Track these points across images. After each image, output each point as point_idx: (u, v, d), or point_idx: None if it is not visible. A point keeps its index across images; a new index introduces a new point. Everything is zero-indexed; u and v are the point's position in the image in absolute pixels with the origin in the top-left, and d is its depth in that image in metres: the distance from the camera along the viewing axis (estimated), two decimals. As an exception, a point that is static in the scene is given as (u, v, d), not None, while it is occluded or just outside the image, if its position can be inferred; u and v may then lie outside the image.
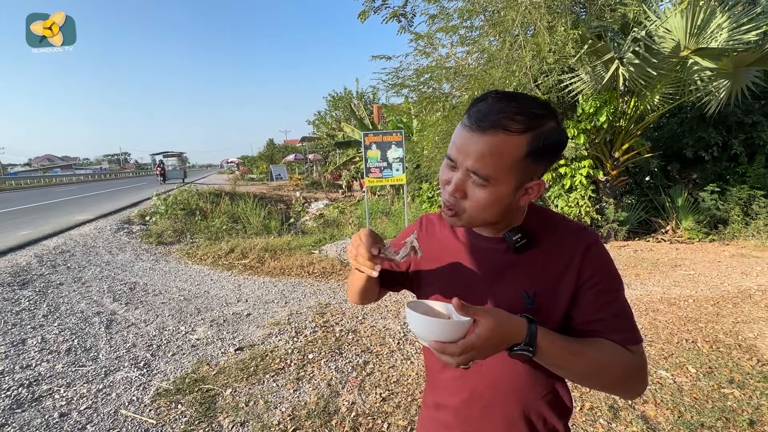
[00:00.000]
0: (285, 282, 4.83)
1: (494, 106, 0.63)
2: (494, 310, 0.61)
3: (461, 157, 0.66)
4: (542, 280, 0.72)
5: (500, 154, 0.62)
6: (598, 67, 5.47)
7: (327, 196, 14.84)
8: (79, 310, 3.77)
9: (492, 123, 0.62)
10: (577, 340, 0.67)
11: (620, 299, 0.72)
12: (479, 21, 6.47)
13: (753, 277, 4.54)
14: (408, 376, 2.62)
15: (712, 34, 5.02)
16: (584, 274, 0.71)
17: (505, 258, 0.75)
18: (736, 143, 7.10)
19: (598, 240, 0.74)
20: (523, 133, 0.62)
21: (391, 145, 6.33)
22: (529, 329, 0.61)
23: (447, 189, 0.69)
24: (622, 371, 0.67)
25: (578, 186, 6.38)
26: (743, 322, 3.32)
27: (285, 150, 33.22)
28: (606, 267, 0.72)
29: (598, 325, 0.70)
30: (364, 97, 21.43)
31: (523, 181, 0.67)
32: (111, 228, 7.40)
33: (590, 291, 0.70)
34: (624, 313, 0.72)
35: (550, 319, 0.72)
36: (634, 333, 0.71)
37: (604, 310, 0.70)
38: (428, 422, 0.88)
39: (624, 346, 0.69)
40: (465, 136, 0.65)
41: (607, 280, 0.72)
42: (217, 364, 2.81)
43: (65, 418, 2.20)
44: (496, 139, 0.62)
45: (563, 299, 0.71)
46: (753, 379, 2.46)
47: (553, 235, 0.74)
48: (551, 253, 0.73)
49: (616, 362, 0.67)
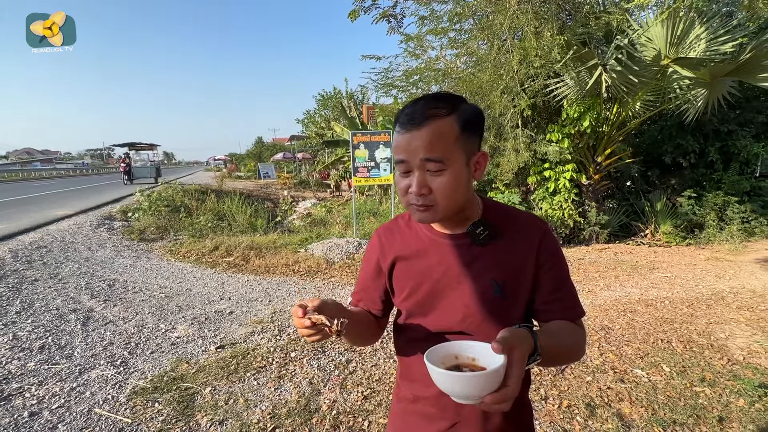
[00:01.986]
0: (270, 280, 4.79)
1: (416, 106, 0.72)
2: (513, 334, 0.61)
3: (411, 155, 0.71)
4: (508, 268, 0.78)
5: (441, 135, 0.70)
6: (583, 72, 5.59)
7: (315, 196, 14.76)
8: (55, 307, 3.66)
9: (424, 116, 0.70)
10: (556, 333, 0.75)
11: (569, 279, 0.82)
12: (468, 24, 6.54)
13: (726, 279, 4.69)
14: (390, 375, 2.62)
15: (691, 44, 5.18)
16: (541, 258, 0.78)
17: (470, 251, 0.80)
18: (713, 151, 7.34)
19: (548, 227, 0.83)
20: (449, 115, 0.71)
21: (379, 145, 6.34)
22: (534, 339, 0.64)
23: (411, 191, 0.73)
24: (580, 348, 0.79)
25: (562, 189, 6.50)
26: (716, 323, 3.43)
27: (273, 148, 32.95)
28: (558, 252, 0.82)
29: (554, 305, 0.80)
30: (353, 96, 21.40)
31: (469, 155, 0.74)
32: (91, 224, 7.21)
33: (547, 275, 0.79)
34: (572, 292, 0.82)
35: (518, 304, 0.79)
36: (580, 307, 0.83)
37: (559, 291, 0.80)
38: (406, 414, 0.90)
39: (574, 321, 0.80)
40: (407, 137, 0.71)
41: (559, 264, 0.81)
42: (197, 362, 2.76)
43: (35, 417, 2.14)
44: (433, 126, 0.70)
45: (527, 284, 0.79)
46: (723, 378, 2.55)
47: (511, 225, 0.81)
48: (512, 242, 0.79)
49: (578, 342, 0.78)
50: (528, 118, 6.70)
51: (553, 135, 6.35)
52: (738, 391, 2.38)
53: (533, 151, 6.42)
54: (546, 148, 6.25)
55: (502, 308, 0.78)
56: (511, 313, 0.79)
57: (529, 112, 6.29)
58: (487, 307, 0.78)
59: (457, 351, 0.66)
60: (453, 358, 0.66)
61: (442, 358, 0.64)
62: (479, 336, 0.78)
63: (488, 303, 0.78)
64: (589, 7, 6.17)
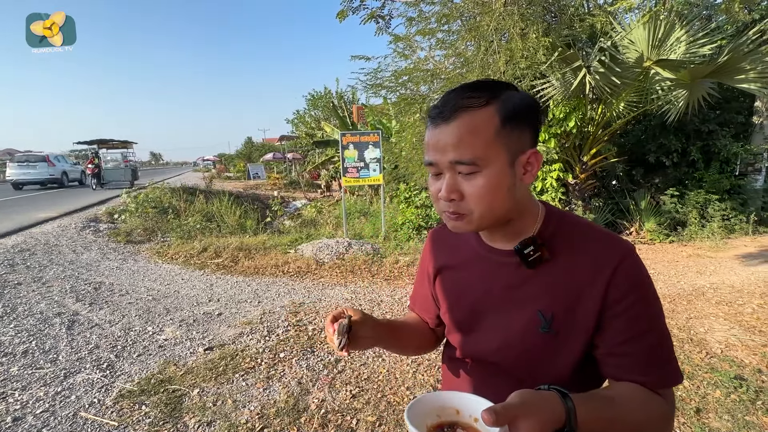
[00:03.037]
0: (259, 281, 4.77)
1: (449, 97, 0.62)
2: (525, 400, 0.49)
3: (439, 155, 0.61)
4: (562, 299, 0.63)
5: (474, 131, 0.58)
6: (568, 74, 5.68)
7: (305, 196, 14.71)
8: (39, 311, 3.60)
9: (454, 108, 0.59)
10: (613, 401, 0.58)
11: (655, 329, 0.62)
12: (456, 25, 6.60)
13: (707, 275, 4.83)
14: (379, 374, 2.65)
15: (671, 46, 5.32)
16: (612, 295, 0.60)
17: (518, 273, 0.66)
18: (694, 150, 7.53)
19: (631, 253, 0.63)
20: (486, 105, 0.59)
21: (368, 145, 6.36)
22: (567, 409, 0.50)
23: (440, 197, 0.63)
24: (655, 426, 0.59)
25: (549, 188, 6.60)
26: (696, 318, 3.53)
27: (263, 148, 32.72)
28: (641, 288, 0.61)
29: (624, 360, 0.61)
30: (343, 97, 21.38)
31: (514, 154, 0.60)
32: (76, 226, 7.09)
33: (619, 318, 0.60)
34: (659, 348, 0.62)
35: (570, 346, 0.63)
36: (669, 373, 0.61)
37: (635, 343, 0.60)
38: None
39: (655, 389, 0.61)
40: (435, 133, 0.61)
41: (640, 304, 0.61)
42: (185, 364, 2.75)
43: (19, 422, 2.11)
44: (464, 120, 0.58)
45: (586, 323, 0.62)
46: (701, 371, 2.63)
47: (576, 245, 0.65)
48: (576, 268, 0.63)
49: (651, 418, 0.59)
50: (515, 118, 6.79)
51: (540, 135, 6.45)
52: (715, 383, 2.46)
53: (521, 151, 6.51)
54: (533, 148, 6.34)
55: (548, 347, 0.64)
56: (561, 356, 0.64)
57: (517, 112, 6.37)
58: (528, 342, 0.65)
59: (460, 405, 0.55)
60: (454, 412, 0.55)
61: (440, 410, 0.55)
62: (519, 374, 0.67)
63: (531, 338, 0.65)
64: (574, 9, 6.28)
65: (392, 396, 2.38)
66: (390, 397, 2.37)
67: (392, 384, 2.51)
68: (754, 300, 3.91)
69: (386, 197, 9.55)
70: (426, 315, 0.87)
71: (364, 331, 0.70)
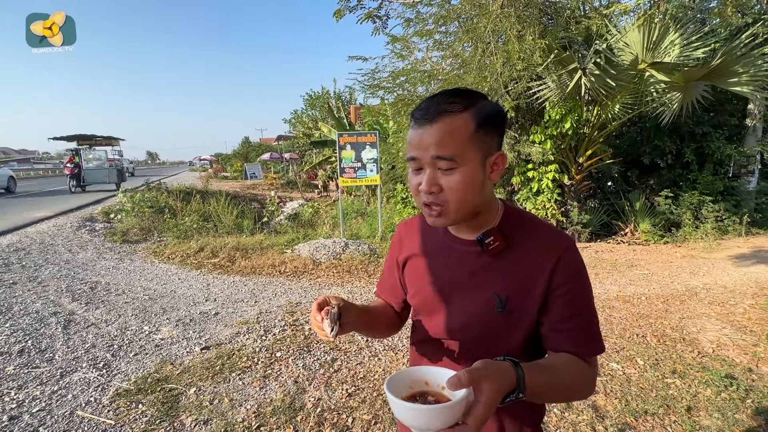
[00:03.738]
0: (255, 281, 4.78)
1: (432, 101, 0.70)
2: (487, 367, 0.56)
3: (422, 152, 0.69)
4: (515, 284, 0.73)
5: (453, 132, 0.67)
6: (564, 76, 5.73)
7: (302, 196, 14.70)
8: (34, 311, 3.60)
9: (437, 111, 0.68)
10: (552, 369, 0.67)
11: (588, 309, 0.73)
12: (454, 27, 6.64)
13: (700, 276, 4.88)
14: (375, 372, 2.66)
15: (666, 49, 5.37)
16: (556, 280, 0.71)
17: (479, 260, 0.76)
18: (688, 152, 7.61)
19: (572, 245, 0.74)
20: (464, 111, 0.68)
21: (365, 145, 6.37)
22: (518, 375, 0.58)
23: (421, 190, 0.70)
24: (583, 388, 0.72)
25: (545, 189, 6.64)
26: (688, 318, 3.58)
27: (260, 148, 32.63)
28: (578, 275, 0.73)
29: (562, 334, 0.72)
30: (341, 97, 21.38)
31: (485, 155, 0.70)
32: (72, 225, 7.06)
33: (560, 299, 0.71)
34: (590, 325, 0.73)
35: (522, 325, 0.73)
36: (596, 344, 0.73)
37: (571, 320, 0.71)
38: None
39: (584, 358, 0.72)
40: (418, 132, 0.69)
41: (577, 288, 0.72)
42: (182, 363, 2.76)
43: (15, 421, 2.11)
44: (445, 123, 0.67)
45: (534, 304, 0.72)
46: (693, 370, 2.67)
47: (529, 237, 0.75)
48: (525, 256, 0.73)
49: (579, 382, 0.71)
50: (512, 119, 6.84)
51: (536, 136, 6.49)
52: (706, 382, 2.50)
53: (517, 152, 6.55)
54: (529, 149, 6.39)
55: (503, 325, 0.74)
56: (514, 333, 0.74)
57: (513, 113, 6.42)
58: (487, 321, 0.75)
59: (428, 377, 0.62)
60: (423, 383, 0.62)
61: (411, 383, 0.61)
62: (478, 350, 0.76)
63: (488, 317, 0.74)
64: (570, 11, 6.34)
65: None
66: (385, 395, 2.39)
67: (388, 383, 2.53)
68: (745, 300, 3.96)
69: (383, 198, 9.58)
70: (393, 300, 0.95)
71: (348, 317, 0.75)
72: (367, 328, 0.88)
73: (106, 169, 14.57)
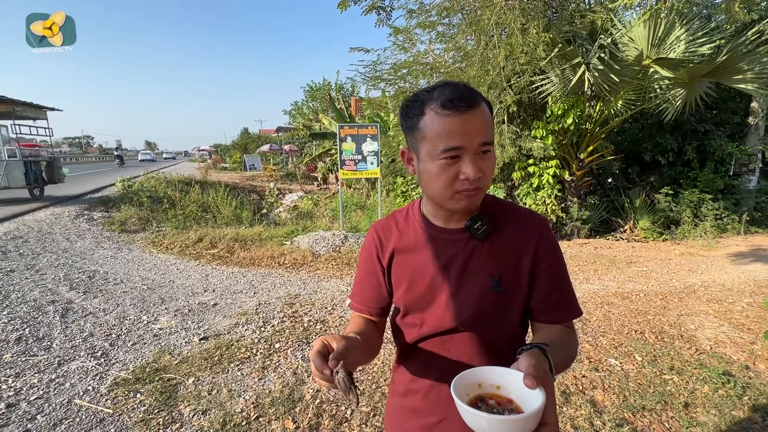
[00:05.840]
0: (254, 272, 4.77)
1: (460, 87, 0.70)
2: (539, 362, 0.58)
3: (467, 140, 0.68)
4: (505, 264, 0.77)
5: (489, 117, 0.72)
6: (567, 70, 5.68)
7: (302, 188, 14.65)
8: (32, 299, 3.58)
9: (476, 97, 0.70)
10: (559, 345, 0.71)
11: (565, 278, 0.81)
12: (457, 19, 6.56)
13: (698, 274, 4.89)
14: (373, 365, 2.66)
15: (671, 45, 5.32)
16: (539, 255, 0.77)
17: (469, 246, 0.79)
18: (690, 149, 7.59)
19: (548, 224, 0.82)
20: (484, 101, 0.73)
21: (366, 138, 6.33)
22: (549, 360, 0.61)
23: (469, 177, 0.69)
24: (575, 353, 0.78)
25: (545, 185, 6.62)
26: (686, 315, 3.59)
27: (260, 140, 32.44)
28: (556, 249, 0.80)
29: (549, 305, 0.78)
30: (343, 89, 21.21)
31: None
32: (69, 214, 7.02)
33: (544, 272, 0.78)
34: (568, 293, 0.80)
35: (517, 300, 0.78)
36: (576, 309, 0.81)
37: (555, 291, 0.78)
38: (396, 409, 0.90)
39: (567, 324, 0.79)
40: (460, 120, 0.68)
41: (556, 262, 0.79)
42: (180, 353, 2.75)
43: (13, 408, 2.11)
44: (483, 109, 0.71)
45: (524, 280, 0.77)
46: (690, 366, 2.68)
47: (509, 219, 0.80)
48: (510, 237, 0.78)
49: (574, 351, 0.77)
50: (514, 114, 6.79)
51: (537, 131, 6.46)
52: (704, 379, 2.51)
53: (518, 147, 6.52)
54: (531, 144, 6.36)
55: (500, 303, 0.78)
56: (510, 309, 0.78)
57: (515, 108, 6.37)
58: (485, 301, 0.77)
59: (479, 378, 0.61)
60: (476, 386, 0.61)
61: (466, 389, 0.60)
62: (478, 331, 0.79)
63: (486, 297, 0.77)
64: (575, 5, 6.26)
65: (386, 387, 2.40)
66: (384, 388, 2.39)
67: (386, 375, 2.53)
68: (743, 298, 3.97)
69: (383, 191, 9.55)
70: (372, 310, 0.89)
71: (351, 356, 0.66)
72: (365, 357, 0.80)
73: (16, 162, 7.99)
